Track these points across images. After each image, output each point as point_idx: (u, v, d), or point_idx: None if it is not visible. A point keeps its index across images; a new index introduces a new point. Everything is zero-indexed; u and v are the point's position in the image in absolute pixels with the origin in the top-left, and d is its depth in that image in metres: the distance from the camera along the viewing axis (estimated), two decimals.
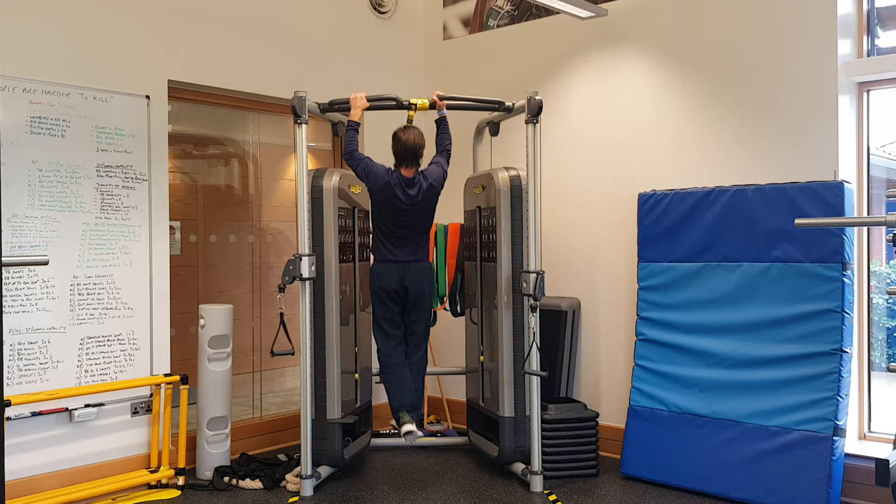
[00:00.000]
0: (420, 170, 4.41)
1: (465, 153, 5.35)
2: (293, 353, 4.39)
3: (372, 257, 4.61)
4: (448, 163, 4.52)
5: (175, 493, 4.33)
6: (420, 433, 4.36)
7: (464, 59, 5.94)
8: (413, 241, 4.48)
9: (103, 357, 4.30)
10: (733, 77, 4.53)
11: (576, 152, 5.24)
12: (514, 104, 4.62)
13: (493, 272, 4.60)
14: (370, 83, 5.27)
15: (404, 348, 4.60)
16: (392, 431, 5.33)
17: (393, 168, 4.41)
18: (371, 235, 4.65)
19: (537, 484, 4.31)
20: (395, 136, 4.42)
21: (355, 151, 4.38)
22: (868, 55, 4.29)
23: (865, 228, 4.26)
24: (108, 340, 4.32)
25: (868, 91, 4.31)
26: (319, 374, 4.47)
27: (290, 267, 4.27)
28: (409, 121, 4.54)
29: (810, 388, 3.98)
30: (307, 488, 4.27)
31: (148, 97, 4.51)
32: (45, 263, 2.06)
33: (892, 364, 3.03)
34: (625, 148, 4.99)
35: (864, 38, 4.29)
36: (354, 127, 4.40)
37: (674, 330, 4.50)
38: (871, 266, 4.33)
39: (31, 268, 4.01)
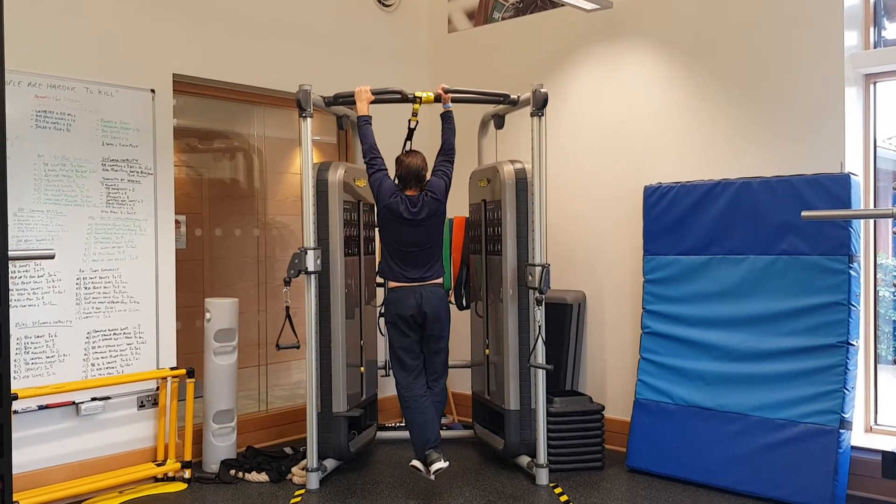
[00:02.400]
0: (424, 188, 4.33)
1: (470, 146, 5.34)
2: (299, 347, 4.39)
3: (384, 281, 4.44)
4: (452, 166, 4.40)
5: (181, 486, 4.35)
6: (446, 465, 4.07)
7: (469, 52, 5.93)
8: (423, 258, 4.33)
9: (109, 351, 4.31)
10: (739, 69, 4.52)
11: (581, 145, 5.23)
12: (519, 97, 4.61)
13: (499, 265, 4.60)
14: (375, 76, 5.26)
15: (425, 380, 4.39)
16: (398, 425, 5.34)
17: (399, 189, 4.33)
18: (380, 254, 4.51)
19: (543, 477, 4.32)
20: (399, 161, 4.37)
21: (377, 156, 4.29)
22: (875, 47, 4.27)
23: (872, 221, 4.24)
24: (114, 334, 4.33)
25: (875, 83, 4.29)
26: (325, 367, 4.48)
27: (296, 260, 4.27)
28: (415, 114, 4.52)
29: (816, 380, 3.97)
30: (313, 481, 4.28)
31: (153, 91, 4.51)
32: (52, 257, 2.07)
33: None
34: (630, 141, 4.98)
35: (871, 29, 4.27)
36: (367, 121, 4.35)
37: (679, 323, 4.49)
38: (877, 259, 4.32)
39: (38, 262, 4.01)
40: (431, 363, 4.39)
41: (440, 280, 4.38)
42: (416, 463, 4.15)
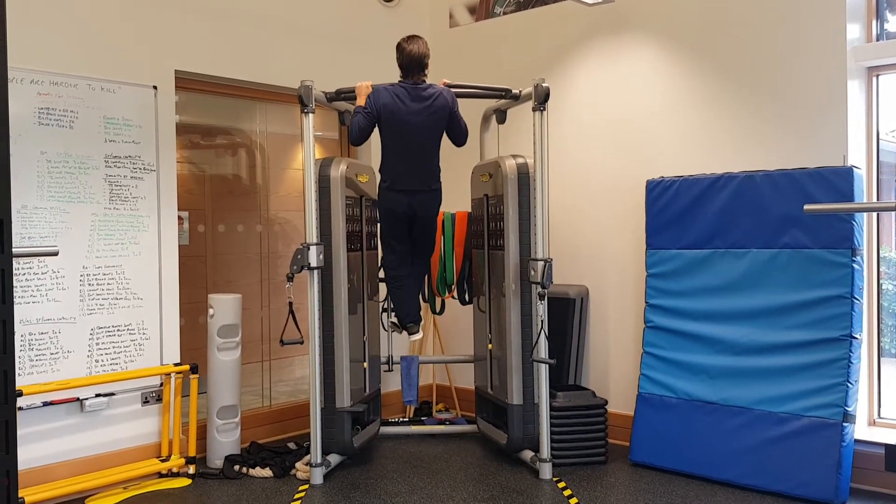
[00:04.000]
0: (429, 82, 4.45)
1: (471, 141, 5.31)
2: (302, 342, 4.40)
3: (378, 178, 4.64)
4: (466, 129, 4.56)
5: (186, 481, 4.36)
6: (420, 335, 4.85)
7: (470, 47, 5.92)
8: (421, 168, 4.45)
9: (113, 347, 4.32)
10: (741, 62, 4.51)
11: (583, 139, 5.23)
12: (520, 91, 4.61)
13: (501, 260, 4.60)
14: (376, 71, 5.25)
15: (410, 260, 4.73)
16: (401, 420, 5.35)
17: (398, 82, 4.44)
18: (380, 165, 4.58)
19: (546, 471, 4.32)
20: (399, 47, 4.43)
21: (356, 116, 4.38)
22: (877, 39, 4.26)
23: (875, 214, 4.24)
24: (118, 330, 4.34)
25: (877, 76, 4.28)
26: (328, 362, 4.49)
27: (299, 256, 4.28)
28: None
29: (820, 374, 3.97)
30: (317, 476, 4.29)
31: (155, 87, 4.51)
32: (55, 254, 2.07)
33: None
34: (633, 135, 4.97)
35: (874, 22, 4.26)
36: (361, 111, 4.40)
37: (682, 317, 4.49)
38: (880, 252, 4.31)
39: (42, 259, 4.03)
40: (419, 247, 4.76)
41: (435, 187, 4.57)
42: (395, 321, 4.89)
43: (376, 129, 4.45)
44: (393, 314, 4.91)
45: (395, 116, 4.34)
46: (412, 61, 4.37)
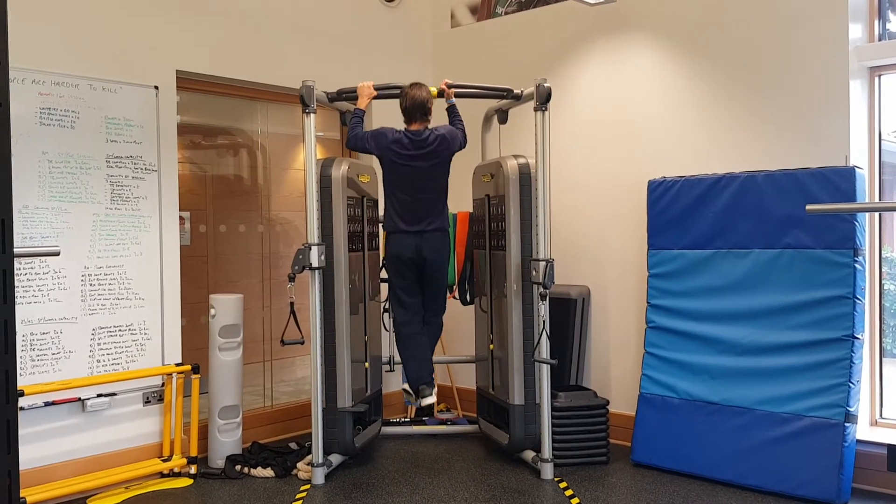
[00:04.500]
0: (431, 127, 4.42)
1: (473, 141, 5.32)
2: (303, 342, 4.40)
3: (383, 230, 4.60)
4: (464, 133, 4.49)
5: (187, 481, 4.36)
6: (434, 399, 4.56)
7: (472, 47, 5.92)
8: (427, 209, 4.43)
9: (115, 347, 4.32)
10: (743, 62, 4.50)
11: (585, 139, 5.22)
12: (522, 92, 4.61)
13: (503, 260, 4.60)
14: (378, 72, 5.26)
15: (422, 317, 4.63)
16: (402, 420, 5.35)
17: (402, 129, 4.42)
18: (384, 207, 4.58)
19: (548, 471, 4.32)
20: (403, 92, 4.43)
21: (358, 132, 4.39)
22: (879, 39, 4.26)
23: (877, 214, 4.24)
24: (119, 330, 4.34)
25: (879, 76, 4.28)
26: (330, 362, 4.49)
27: (300, 256, 4.28)
28: None
29: (822, 374, 3.97)
30: (318, 476, 4.29)
31: (156, 88, 4.51)
32: (57, 254, 2.07)
33: None
34: (634, 135, 4.97)
35: (876, 21, 4.25)
36: (360, 115, 4.42)
37: (684, 317, 4.49)
38: (882, 252, 4.31)
39: (43, 259, 4.03)
40: (430, 302, 4.66)
41: (442, 226, 4.49)
42: (407, 387, 4.63)
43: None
44: (405, 383, 4.69)
45: (397, 163, 4.35)
46: (414, 105, 4.37)
